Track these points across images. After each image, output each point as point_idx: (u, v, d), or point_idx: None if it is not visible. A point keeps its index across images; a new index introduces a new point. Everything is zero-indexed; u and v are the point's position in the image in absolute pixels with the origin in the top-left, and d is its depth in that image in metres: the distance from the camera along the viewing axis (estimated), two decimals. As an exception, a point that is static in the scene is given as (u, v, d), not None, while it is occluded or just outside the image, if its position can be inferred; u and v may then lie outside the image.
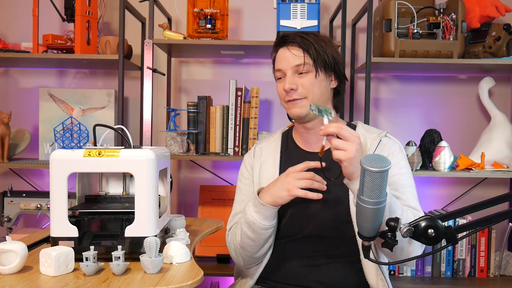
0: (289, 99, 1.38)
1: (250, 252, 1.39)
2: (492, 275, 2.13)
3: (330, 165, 1.31)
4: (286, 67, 1.39)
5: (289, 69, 1.38)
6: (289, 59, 1.38)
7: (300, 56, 1.37)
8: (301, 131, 1.46)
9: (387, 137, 1.44)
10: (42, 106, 2.26)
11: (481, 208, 0.96)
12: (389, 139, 1.43)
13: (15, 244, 1.13)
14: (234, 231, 1.43)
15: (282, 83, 1.41)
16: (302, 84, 1.37)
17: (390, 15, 2.01)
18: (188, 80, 2.45)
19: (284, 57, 1.39)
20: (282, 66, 1.40)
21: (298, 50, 1.38)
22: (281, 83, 1.41)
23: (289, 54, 1.38)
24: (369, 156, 0.95)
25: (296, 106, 1.38)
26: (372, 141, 1.41)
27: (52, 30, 2.34)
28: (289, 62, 1.38)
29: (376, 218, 0.96)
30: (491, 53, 2.14)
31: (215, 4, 2.07)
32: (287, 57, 1.39)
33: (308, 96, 1.37)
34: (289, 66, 1.38)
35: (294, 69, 1.38)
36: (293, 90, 1.37)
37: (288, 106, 1.41)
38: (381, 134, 1.43)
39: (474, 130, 2.36)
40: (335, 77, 1.43)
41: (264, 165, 1.47)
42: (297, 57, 1.37)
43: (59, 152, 1.22)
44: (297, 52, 1.38)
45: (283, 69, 1.40)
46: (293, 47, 1.39)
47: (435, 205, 2.40)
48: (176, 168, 2.46)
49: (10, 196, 2.07)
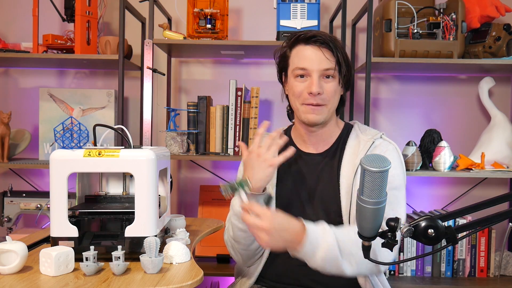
0: (312, 102, 1.33)
1: (244, 244, 1.37)
2: (492, 275, 2.13)
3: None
4: (314, 68, 1.32)
5: (316, 71, 1.32)
6: (320, 60, 1.32)
7: (332, 61, 1.32)
8: (302, 132, 1.45)
9: (382, 139, 1.41)
10: (42, 106, 2.26)
11: (481, 208, 0.96)
12: (384, 141, 1.41)
13: (15, 244, 1.13)
14: (228, 227, 1.42)
15: (303, 83, 1.34)
16: (327, 90, 1.33)
17: (390, 15, 2.01)
18: (188, 80, 2.45)
19: (314, 57, 1.32)
20: (309, 66, 1.32)
21: (330, 54, 1.33)
22: (302, 83, 1.34)
23: (321, 55, 1.32)
24: (369, 156, 0.94)
25: (315, 112, 1.34)
26: (365, 143, 1.39)
27: (52, 30, 2.34)
28: (319, 64, 1.32)
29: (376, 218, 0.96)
30: (491, 53, 2.14)
31: (215, 4, 2.07)
32: (318, 57, 1.32)
33: (328, 104, 1.34)
34: (318, 67, 1.32)
35: (322, 73, 1.32)
36: (319, 94, 1.32)
37: (306, 110, 1.35)
38: (375, 135, 1.41)
39: (474, 130, 2.36)
40: (343, 85, 1.40)
41: None
42: (329, 60, 1.32)
43: (59, 152, 1.22)
44: (329, 55, 1.32)
45: (309, 69, 1.32)
46: (325, 49, 1.33)
47: (435, 205, 2.40)
48: (176, 168, 2.46)
49: (10, 196, 2.07)
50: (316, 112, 1.34)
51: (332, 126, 1.44)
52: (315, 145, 1.44)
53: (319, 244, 1.19)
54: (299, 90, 1.35)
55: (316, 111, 1.34)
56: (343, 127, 1.47)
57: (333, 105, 1.37)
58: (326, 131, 1.43)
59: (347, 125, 1.49)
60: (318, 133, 1.42)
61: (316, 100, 1.33)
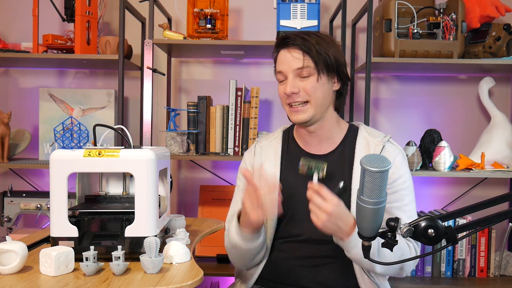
0: (291, 102, 1.36)
1: (244, 262, 1.42)
2: (492, 275, 2.13)
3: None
4: (287, 70, 1.36)
5: (290, 72, 1.35)
6: (290, 61, 1.35)
7: (301, 59, 1.34)
8: (302, 133, 1.44)
9: (390, 142, 1.43)
10: (42, 106, 2.26)
11: (481, 208, 0.96)
12: (392, 145, 1.42)
13: (15, 244, 1.13)
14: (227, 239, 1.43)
15: (283, 85, 1.38)
16: (304, 88, 1.35)
17: (390, 15, 2.01)
18: (188, 80, 2.45)
19: (285, 60, 1.37)
20: (283, 69, 1.37)
21: (298, 53, 1.35)
22: (283, 86, 1.38)
23: (290, 56, 1.35)
24: (369, 156, 0.95)
25: (298, 112, 1.36)
26: (376, 146, 1.40)
27: (52, 30, 2.34)
28: (290, 65, 1.35)
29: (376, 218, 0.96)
30: (491, 53, 2.14)
31: (215, 4, 2.07)
32: (287, 59, 1.36)
33: (310, 100, 1.35)
34: (290, 69, 1.35)
35: (296, 72, 1.35)
36: (294, 93, 1.34)
37: (290, 111, 1.38)
38: (384, 138, 1.42)
39: (474, 130, 2.36)
40: (338, 79, 1.40)
41: (265, 164, 1.46)
42: (298, 60, 1.34)
43: (59, 152, 1.22)
44: (298, 54, 1.35)
45: (284, 71, 1.37)
46: (294, 49, 1.35)
47: (435, 205, 2.40)
48: (176, 168, 2.46)
49: (10, 196, 2.07)
50: (299, 112, 1.36)
51: (332, 126, 1.43)
52: (318, 146, 1.43)
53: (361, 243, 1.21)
54: (281, 93, 1.40)
55: (299, 111, 1.36)
56: (348, 128, 1.47)
57: (317, 100, 1.36)
58: (326, 131, 1.42)
59: (352, 126, 1.48)
60: (317, 133, 1.41)
61: (293, 99, 1.36)
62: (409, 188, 1.39)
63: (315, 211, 1.20)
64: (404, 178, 1.38)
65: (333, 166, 1.40)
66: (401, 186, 1.37)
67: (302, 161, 1.25)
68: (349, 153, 1.41)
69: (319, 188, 1.19)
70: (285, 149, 1.48)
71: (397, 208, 1.35)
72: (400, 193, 1.36)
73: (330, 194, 1.19)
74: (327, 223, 1.19)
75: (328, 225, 1.19)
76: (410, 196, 1.38)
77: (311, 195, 1.20)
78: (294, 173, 1.42)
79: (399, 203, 1.36)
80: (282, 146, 1.48)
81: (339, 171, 1.39)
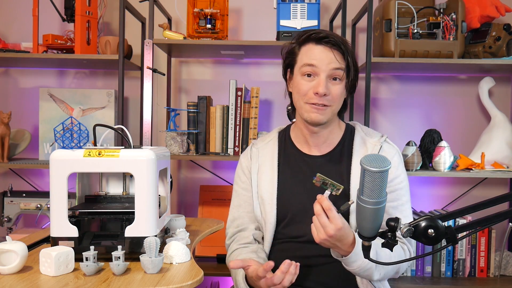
0: (318, 102, 1.32)
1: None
2: (492, 275, 2.13)
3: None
4: (322, 67, 1.30)
5: (324, 71, 1.31)
6: (330, 59, 1.31)
7: (341, 62, 1.31)
8: (304, 132, 1.43)
9: (387, 142, 1.43)
10: (42, 106, 2.26)
11: (481, 208, 0.96)
12: (389, 145, 1.42)
13: (15, 244, 1.13)
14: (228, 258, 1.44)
15: (310, 82, 1.33)
16: (333, 91, 1.32)
17: (390, 15, 2.01)
18: (188, 80, 2.45)
19: (324, 57, 1.31)
20: (318, 64, 1.31)
21: (340, 56, 1.32)
22: (309, 82, 1.33)
23: (331, 55, 1.31)
24: (369, 156, 0.95)
25: (319, 112, 1.33)
26: (373, 147, 1.40)
27: (52, 30, 2.34)
28: (329, 63, 1.30)
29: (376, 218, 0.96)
30: (491, 53, 2.14)
31: (215, 4, 2.07)
32: (328, 57, 1.31)
33: (333, 105, 1.34)
34: (326, 67, 1.31)
35: (330, 73, 1.31)
36: (325, 95, 1.31)
37: (309, 109, 1.34)
38: (381, 139, 1.42)
39: (474, 130, 2.36)
40: (349, 89, 1.39)
41: (262, 167, 1.45)
42: (338, 61, 1.31)
43: (59, 152, 1.22)
44: (340, 57, 1.32)
45: (318, 66, 1.31)
46: (335, 49, 1.31)
47: (435, 205, 2.40)
48: (176, 168, 2.46)
49: (10, 196, 2.07)
50: (320, 112, 1.33)
51: (334, 128, 1.43)
52: (318, 147, 1.43)
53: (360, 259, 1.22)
54: (305, 89, 1.33)
55: (320, 111, 1.33)
56: (345, 128, 1.47)
57: (337, 107, 1.37)
58: (328, 132, 1.42)
59: (349, 126, 1.48)
60: (320, 134, 1.41)
61: (321, 100, 1.32)
62: (405, 188, 1.39)
63: (318, 228, 1.17)
64: (401, 178, 1.39)
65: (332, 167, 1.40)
66: (398, 186, 1.37)
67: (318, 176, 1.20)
68: (347, 154, 1.41)
69: (328, 207, 1.16)
70: (282, 151, 1.47)
71: (394, 208, 1.36)
72: (397, 192, 1.37)
73: (336, 216, 1.16)
74: (326, 242, 1.18)
75: (326, 243, 1.19)
76: (406, 196, 1.39)
77: (318, 211, 1.17)
78: (291, 174, 1.42)
79: (395, 202, 1.36)
80: (279, 148, 1.47)
81: (337, 171, 1.39)
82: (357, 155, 1.39)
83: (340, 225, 1.15)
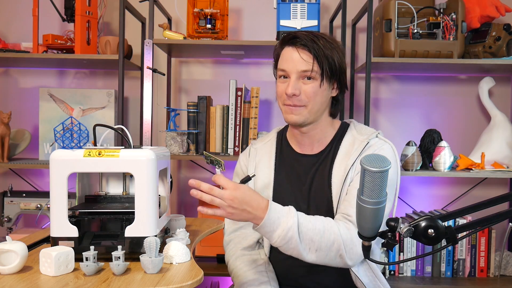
0: (289, 103, 1.33)
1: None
2: (492, 275, 2.13)
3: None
4: (292, 69, 1.32)
5: (294, 73, 1.32)
6: (296, 62, 1.32)
7: (309, 62, 1.31)
8: (295, 133, 1.44)
9: (378, 138, 1.38)
10: (42, 106, 2.26)
11: (481, 208, 0.96)
12: (379, 140, 1.38)
13: (15, 244, 1.13)
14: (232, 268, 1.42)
15: (283, 84, 1.35)
16: (305, 91, 1.32)
17: (390, 15, 2.01)
18: (188, 80, 2.45)
19: (291, 59, 1.32)
20: (287, 68, 1.33)
21: (307, 55, 1.31)
22: (283, 84, 1.35)
23: (297, 57, 1.31)
24: (369, 156, 0.94)
25: (294, 113, 1.34)
26: (360, 143, 1.37)
27: (52, 30, 2.34)
28: (296, 65, 1.32)
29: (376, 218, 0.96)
30: (491, 53, 2.14)
31: (215, 4, 2.08)
32: (294, 59, 1.32)
33: (308, 104, 1.33)
34: (295, 70, 1.32)
35: (300, 74, 1.32)
36: (295, 95, 1.32)
37: (286, 110, 1.36)
38: (371, 135, 1.38)
39: (474, 130, 2.36)
40: (337, 86, 1.38)
41: (259, 166, 1.45)
42: (306, 62, 1.31)
43: (59, 152, 1.22)
44: (307, 57, 1.31)
45: (288, 70, 1.33)
46: (303, 50, 1.31)
47: (435, 205, 2.40)
48: (176, 168, 2.46)
49: (10, 196, 2.07)
50: (295, 113, 1.34)
51: (325, 127, 1.41)
52: (310, 146, 1.43)
53: (280, 223, 1.19)
54: (280, 91, 1.36)
55: (295, 112, 1.34)
56: (339, 127, 1.45)
57: (315, 106, 1.34)
58: (318, 132, 1.41)
59: (343, 124, 1.46)
60: (309, 134, 1.40)
61: (292, 101, 1.33)
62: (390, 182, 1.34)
63: (218, 203, 1.16)
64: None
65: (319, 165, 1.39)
66: None
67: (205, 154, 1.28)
68: (334, 151, 1.39)
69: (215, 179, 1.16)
70: (279, 151, 1.47)
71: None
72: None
73: (228, 181, 1.15)
74: (232, 210, 1.16)
75: (235, 212, 1.16)
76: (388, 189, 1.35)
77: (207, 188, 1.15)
78: (286, 175, 1.42)
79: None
80: (276, 148, 1.47)
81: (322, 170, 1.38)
82: (342, 151, 1.37)
83: (232, 184, 1.15)
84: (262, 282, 1.32)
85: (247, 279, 1.34)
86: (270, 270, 1.38)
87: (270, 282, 1.33)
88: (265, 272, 1.36)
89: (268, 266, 1.39)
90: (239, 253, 1.42)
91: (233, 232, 1.47)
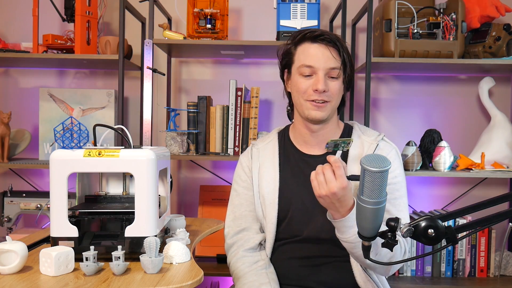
0: (318, 99, 1.33)
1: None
2: (492, 275, 2.13)
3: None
4: (320, 66, 1.32)
5: (322, 69, 1.32)
6: (326, 59, 1.33)
7: (338, 60, 1.33)
8: (303, 132, 1.43)
9: (384, 141, 1.42)
10: (42, 106, 2.26)
11: (481, 208, 0.96)
12: (386, 143, 1.42)
13: (15, 244, 1.13)
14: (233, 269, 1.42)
15: (308, 80, 1.34)
16: (332, 88, 1.34)
17: (390, 15, 2.01)
18: (188, 80, 2.45)
19: (321, 55, 1.33)
20: (315, 64, 1.33)
21: (336, 53, 1.34)
22: (307, 80, 1.34)
23: (328, 54, 1.33)
24: (369, 156, 0.95)
25: (319, 109, 1.34)
26: (370, 145, 1.39)
27: (52, 30, 2.34)
28: (325, 62, 1.32)
29: (376, 218, 0.96)
30: (491, 53, 2.14)
31: (215, 4, 2.07)
32: (324, 56, 1.33)
33: (332, 101, 1.35)
34: (324, 66, 1.32)
35: (328, 71, 1.33)
36: (325, 92, 1.33)
37: (309, 107, 1.35)
38: (378, 137, 1.41)
39: (474, 130, 2.36)
40: (345, 86, 1.41)
41: (263, 167, 1.45)
42: (335, 60, 1.33)
43: (59, 152, 1.22)
44: (336, 54, 1.34)
45: (315, 66, 1.33)
46: (332, 48, 1.34)
47: (435, 205, 2.40)
48: (176, 168, 2.46)
49: (10, 196, 2.07)
50: (320, 109, 1.35)
51: (334, 126, 1.44)
52: (316, 146, 1.43)
53: (355, 226, 1.18)
54: (304, 87, 1.35)
55: (320, 108, 1.34)
56: (344, 127, 1.47)
57: (337, 103, 1.38)
58: (328, 131, 1.42)
59: (347, 125, 1.48)
60: (319, 133, 1.41)
61: (321, 96, 1.33)
62: (400, 183, 1.37)
63: (320, 183, 1.16)
64: (396, 173, 1.37)
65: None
66: (393, 180, 1.35)
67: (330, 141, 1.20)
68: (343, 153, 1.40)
69: (337, 164, 1.15)
70: (282, 151, 1.47)
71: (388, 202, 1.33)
72: (392, 186, 1.35)
73: (343, 174, 1.15)
74: (326, 198, 1.17)
75: (325, 200, 1.17)
76: (400, 191, 1.37)
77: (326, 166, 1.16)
78: (292, 175, 1.42)
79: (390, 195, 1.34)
80: (279, 148, 1.47)
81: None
82: (353, 154, 1.39)
83: (345, 183, 1.14)
84: (262, 283, 1.32)
85: (247, 280, 1.34)
86: (270, 271, 1.38)
87: (270, 283, 1.33)
88: (266, 273, 1.36)
89: (268, 267, 1.39)
90: (240, 254, 1.42)
91: (236, 234, 1.45)
